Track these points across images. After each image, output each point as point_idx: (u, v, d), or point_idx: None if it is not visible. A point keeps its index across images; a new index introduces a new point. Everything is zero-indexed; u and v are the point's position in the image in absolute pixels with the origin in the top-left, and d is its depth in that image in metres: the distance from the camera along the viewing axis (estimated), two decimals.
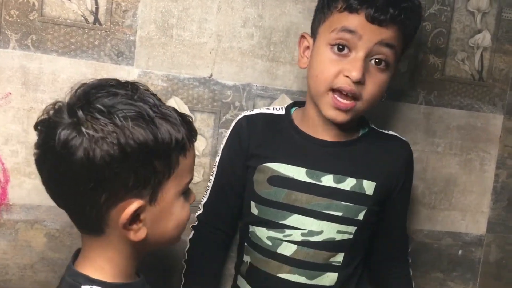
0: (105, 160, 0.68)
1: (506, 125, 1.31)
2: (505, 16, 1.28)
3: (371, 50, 0.94)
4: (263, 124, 1.06)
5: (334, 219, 1.00)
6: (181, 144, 0.74)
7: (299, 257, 1.01)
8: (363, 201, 1.01)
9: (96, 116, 0.69)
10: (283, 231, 1.01)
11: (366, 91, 0.95)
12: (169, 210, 0.77)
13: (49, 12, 1.05)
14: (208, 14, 1.12)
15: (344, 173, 1.01)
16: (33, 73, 1.05)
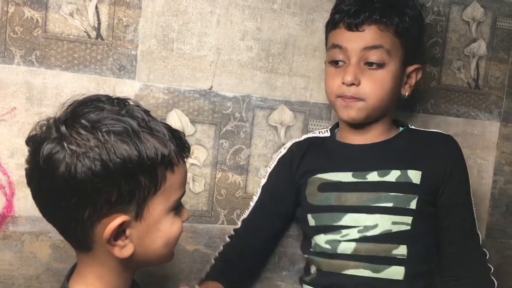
0: (87, 175, 0.67)
1: (502, 132, 1.33)
2: (500, 25, 1.30)
3: (359, 57, 1.04)
4: (311, 146, 1.15)
5: (386, 210, 1.04)
6: (167, 160, 0.73)
7: (361, 252, 1.04)
8: (412, 190, 1.05)
9: (79, 131, 0.69)
10: (339, 232, 1.06)
11: (365, 90, 1.04)
12: (156, 227, 0.75)
13: (52, 28, 1.07)
14: (208, 28, 1.15)
15: (387, 167, 1.06)
16: (37, 88, 1.07)
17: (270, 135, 1.20)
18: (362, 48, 1.03)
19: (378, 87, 1.04)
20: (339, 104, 1.07)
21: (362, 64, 1.04)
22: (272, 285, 1.24)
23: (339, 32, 1.06)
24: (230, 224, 1.20)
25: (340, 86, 1.05)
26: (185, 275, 1.19)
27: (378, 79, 1.04)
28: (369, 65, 1.04)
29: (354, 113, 1.06)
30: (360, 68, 1.04)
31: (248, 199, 1.20)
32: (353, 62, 1.04)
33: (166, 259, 0.82)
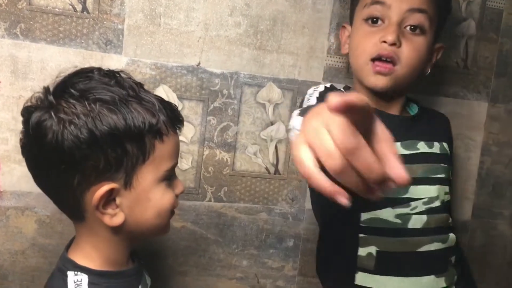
0: (74, 142, 0.69)
1: (490, 113, 1.34)
2: (489, 4, 1.30)
3: (402, 17, 0.98)
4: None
5: (441, 181, 1.04)
6: (155, 129, 0.74)
7: (431, 225, 1.02)
8: (449, 162, 1.09)
9: (67, 99, 0.71)
10: (409, 205, 1.00)
11: (404, 54, 0.98)
12: (146, 196, 0.76)
13: (37, 1, 1.06)
14: (195, 3, 1.13)
15: (430, 139, 1.06)
16: (22, 61, 1.06)
17: (258, 112, 1.20)
18: (408, 8, 0.98)
19: (416, 54, 0.99)
20: (369, 69, 0.99)
21: (403, 27, 0.99)
22: (259, 263, 1.24)
23: None
24: (217, 201, 1.20)
25: (377, 45, 0.98)
26: (172, 251, 1.19)
27: (417, 45, 0.99)
28: (410, 29, 0.99)
29: (384, 82, 0.98)
30: (401, 30, 0.98)
31: (236, 176, 1.20)
32: (395, 22, 0.98)
33: (160, 230, 0.82)
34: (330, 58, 1.22)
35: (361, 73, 1.02)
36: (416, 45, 0.99)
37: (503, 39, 1.32)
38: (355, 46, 1.04)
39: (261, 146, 1.21)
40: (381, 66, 0.98)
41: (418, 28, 0.99)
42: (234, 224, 1.22)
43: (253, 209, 1.22)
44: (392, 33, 0.97)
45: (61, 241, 1.09)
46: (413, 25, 0.99)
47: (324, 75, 1.22)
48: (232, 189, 1.20)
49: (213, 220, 1.20)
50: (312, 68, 1.22)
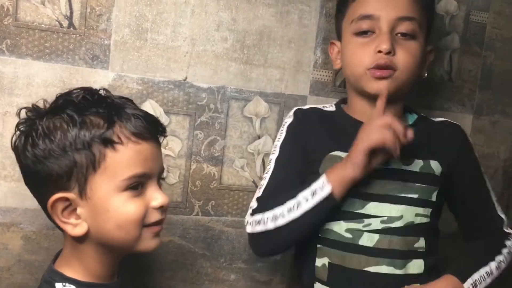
0: (31, 158, 0.76)
1: (475, 125, 1.35)
2: (473, 18, 1.32)
3: (392, 26, 1.00)
4: (318, 117, 1.09)
5: (411, 202, 1.00)
6: (103, 138, 0.75)
7: (384, 246, 0.99)
8: (434, 182, 1.02)
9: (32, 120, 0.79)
10: (362, 221, 0.99)
11: (399, 59, 1.00)
12: (104, 207, 0.76)
13: (23, 16, 1.06)
14: (182, 18, 1.14)
15: (410, 155, 1.01)
16: (8, 77, 1.06)
17: (245, 126, 1.20)
18: (396, 17, 1.00)
19: (411, 58, 1.01)
20: (369, 77, 1.00)
21: (394, 34, 1.00)
22: (247, 276, 1.24)
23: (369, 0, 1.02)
24: (204, 215, 1.20)
25: (373, 56, 0.99)
26: (159, 266, 1.19)
27: (411, 50, 1.01)
28: (402, 36, 1.01)
29: (386, 83, 0.99)
30: (393, 37, 1.00)
31: (223, 190, 1.20)
32: (386, 31, 0.99)
33: (129, 243, 0.80)
34: (316, 72, 1.23)
35: (361, 81, 1.03)
36: (410, 50, 1.01)
37: (487, 53, 1.34)
38: (350, 59, 1.04)
39: (248, 159, 1.21)
40: (381, 72, 1.00)
41: (408, 34, 1.01)
42: (221, 238, 1.22)
43: (241, 222, 1.22)
44: (386, 41, 0.98)
45: (47, 257, 1.08)
46: (403, 32, 1.01)
47: (310, 89, 1.23)
48: (219, 203, 1.21)
49: (200, 234, 1.20)
50: (298, 82, 1.23)
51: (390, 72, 1.00)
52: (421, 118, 1.11)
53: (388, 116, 0.94)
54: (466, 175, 1.08)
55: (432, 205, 1.02)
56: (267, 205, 1.01)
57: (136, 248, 0.80)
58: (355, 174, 0.94)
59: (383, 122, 0.92)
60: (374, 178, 0.99)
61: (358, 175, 0.94)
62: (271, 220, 0.98)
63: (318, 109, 1.11)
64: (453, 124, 1.12)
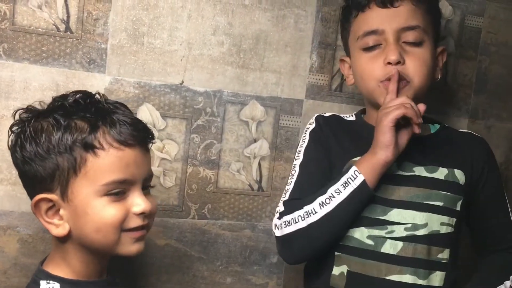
0: (19, 159, 0.79)
1: (470, 128, 1.35)
2: (468, 23, 1.33)
3: (398, 36, 1.00)
4: (339, 124, 1.10)
5: (436, 209, 0.98)
6: (84, 143, 0.76)
7: (407, 254, 0.96)
8: (459, 191, 1.01)
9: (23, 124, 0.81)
10: (385, 228, 0.97)
11: (410, 69, 0.99)
12: (84, 210, 0.78)
13: (20, 21, 1.06)
14: (179, 23, 1.15)
15: (434, 164, 1.01)
16: (5, 81, 1.06)
17: (241, 130, 1.21)
18: (399, 28, 1.00)
19: (422, 65, 1.00)
20: (382, 90, 1.00)
21: (401, 42, 1.00)
22: (243, 280, 1.25)
23: (371, 13, 1.02)
24: (201, 218, 1.20)
25: (383, 68, 0.99)
26: (155, 269, 1.19)
27: (420, 56, 1.01)
28: (409, 44, 1.01)
29: (403, 95, 0.98)
30: (400, 46, 1.00)
31: (220, 193, 1.21)
32: (392, 41, 0.99)
33: (108, 247, 0.81)
34: (312, 76, 1.24)
35: (374, 95, 1.03)
36: (419, 56, 1.01)
37: (482, 57, 1.35)
38: (361, 74, 1.04)
39: (245, 163, 1.22)
40: (394, 85, 0.99)
41: (415, 42, 1.01)
42: (218, 241, 1.22)
43: (237, 226, 1.23)
44: (394, 52, 0.98)
45: None
46: (410, 41, 1.01)
47: (306, 93, 1.24)
48: (215, 206, 1.21)
49: (197, 238, 1.20)
50: (294, 86, 1.23)
51: (403, 83, 0.99)
52: (444, 128, 1.11)
53: (403, 97, 0.95)
54: (488, 189, 1.07)
55: (457, 215, 1.01)
56: (296, 205, 0.98)
57: (116, 252, 0.82)
58: (387, 156, 0.93)
59: (399, 101, 0.94)
60: (398, 184, 0.98)
61: (390, 157, 0.93)
62: (302, 219, 0.96)
63: (339, 117, 1.12)
64: (478, 137, 1.12)
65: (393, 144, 0.93)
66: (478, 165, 1.06)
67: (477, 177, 1.05)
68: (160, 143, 1.16)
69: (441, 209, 0.99)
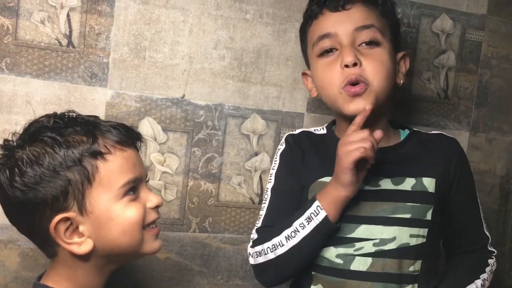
0: (21, 188, 0.75)
1: (471, 142, 1.36)
2: (468, 37, 1.33)
3: (353, 38, 0.99)
4: (309, 141, 1.09)
5: (404, 222, 0.97)
6: (92, 151, 0.77)
7: (377, 269, 0.96)
8: (428, 200, 1.00)
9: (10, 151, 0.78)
10: (353, 245, 0.97)
11: (368, 70, 0.97)
12: (107, 216, 0.78)
13: (23, 35, 1.07)
14: (180, 37, 1.15)
15: (401, 174, 1.00)
16: (7, 95, 1.07)
17: (242, 143, 1.21)
18: (353, 29, 0.99)
19: (380, 66, 0.98)
20: (344, 96, 0.98)
21: (357, 45, 0.99)
22: None
23: (323, 18, 1.02)
24: (202, 232, 1.20)
25: (341, 73, 0.98)
26: (156, 283, 1.19)
27: (378, 57, 0.99)
28: (365, 45, 0.99)
29: (363, 101, 0.96)
30: (356, 49, 0.98)
31: (220, 207, 1.21)
32: (347, 44, 0.98)
33: (133, 249, 0.82)
34: None
35: (338, 103, 1.00)
36: (376, 57, 0.99)
37: (483, 70, 1.35)
38: (321, 83, 1.03)
39: (246, 176, 1.22)
40: (355, 88, 0.97)
41: (371, 42, 0.99)
42: (218, 254, 1.22)
43: (238, 239, 1.23)
44: (349, 54, 0.97)
45: None
46: (366, 41, 0.99)
47: (307, 106, 1.24)
48: (216, 220, 1.21)
49: (197, 251, 1.20)
50: (296, 100, 1.24)
51: (363, 86, 0.97)
52: (414, 134, 1.09)
53: (364, 131, 0.92)
54: (461, 191, 1.06)
55: (428, 225, 1.00)
56: (266, 236, 1.00)
57: (142, 251, 0.83)
58: (348, 193, 0.94)
59: (360, 137, 0.91)
60: (364, 200, 0.98)
61: (351, 193, 0.94)
62: (271, 250, 0.98)
63: (309, 133, 1.11)
64: (450, 138, 1.10)
65: (353, 183, 0.92)
66: (451, 167, 1.04)
67: (450, 178, 1.04)
68: (161, 157, 1.16)
69: (409, 221, 0.98)
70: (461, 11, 1.32)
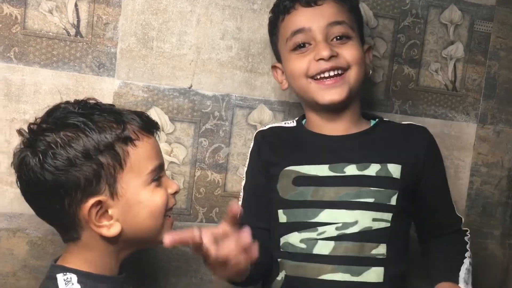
0: (52, 171, 0.75)
1: (479, 134, 1.35)
2: (477, 28, 1.32)
3: (326, 33, 1.02)
4: (277, 135, 1.11)
5: (367, 206, 0.99)
6: (123, 136, 0.78)
7: (339, 253, 0.98)
8: (392, 185, 1.01)
9: (41, 134, 0.78)
10: (316, 230, 0.99)
11: (345, 56, 1.01)
12: (136, 200, 0.80)
13: (31, 25, 1.07)
14: (188, 27, 1.15)
15: (366, 160, 1.01)
16: (16, 84, 1.07)
17: (249, 134, 1.21)
18: (326, 24, 1.01)
19: (357, 52, 1.03)
20: (317, 87, 1.01)
21: (329, 40, 1.02)
22: None
23: (296, 14, 1.04)
24: (208, 222, 1.20)
25: (315, 64, 1.00)
26: (163, 273, 1.19)
27: (352, 46, 1.03)
28: (337, 39, 1.02)
29: (341, 92, 1.00)
30: (329, 43, 1.02)
31: (227, 197, 1.21)
32: (322, 39, 1.01)
33: (155, 232, 0.85)
34: None
35: (308, 93, 1.03)
36: (351, 46, 1.03)
37: (491, 62, 1.34)
38: (292, 73, 1.05)
39: None
40: (331, 81, 1.01)
41: (343, 37, 1.03)
42: None
43: None
44: (325, 48, 1.00)
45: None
46: (338, 36, 1.02)
47: None
48: (223, 210, 1.21)
49: None
50: None
51: (338, 79, 1.00)
52: (383, 122, 1.11)
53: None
54: (431, 177, 1.07)
55: (393, 210, 1.00)
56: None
57: (159, 238, 0.84)
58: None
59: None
60: (329, 185, 1.00)
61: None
62: None
63: (278, 127, 1.13)
64: (419, 127, 1.11)
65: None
66: (418, 154, 1.05)
67: (418, 166, 1.04)
68: (169, 147, 1.16)
69: (372, 205, 0.99)
70: (470, 2, 1.31)
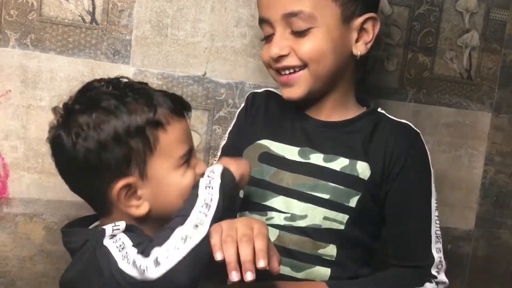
0: (84, 152, 0.76)
1: (494, 123, 1.34)
2: (493, 16, 1.31)
3: (284, 25, 0.91)
4: (267, 101, 1.06)
5: (320, 202, 0.91)
6: (154, 121, 0.78)
7: (283, 244, 0.91)
8: (356, 185, 0.91)
9: (73, 115, 0.78)
10: (265, 214, 0.94)
11: (301, 53, 0.91)
12: (166, 182, 0.80)
13: (47, 12, 1.08)
14: (202, 14, 1.16)
15: (335, 153, 0.93)
16: (32, 71, 1.08)
17: None
18: (282, 15, 0.90)
19: (317, 47, 0.90)
20: (278, 80, 0.96)
21: (289, 33, 0.92)
22: None
23: (261, 3, 0.96)
24: None
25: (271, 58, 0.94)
26: None
27: (315, 39, 0.90)
28: (295, 33, 0.91)
29: (297, 91, 0.93)
30: (287, 37, 0.92)
31: None
32: (277, 33, 0.92)
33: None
34: None
35: (276, 79, 0.98)
36: (312, 39, 0.91)
37: (507, 50, 1.33)
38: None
39: None
40: (285, 78, 0.95)
41: (300, 32, 0.91)
42: None
43: None
44: (274, 46, 0.92)
45: None
46: (295, 30, 0.91)
47: None
48: None
49: None
50: None
51: (293, 77, 0.93)
52: (372, 114, 0.99)
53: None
54: (400, 191, 0.94)
55: (350, 211, 0.91)
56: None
57: None
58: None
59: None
60: (289, 171, 0.94)
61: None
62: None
63: (273, 93, 1.07)
64: (411, 131, 0.97)
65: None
66: (399, 161, 0.93)
67: (393, 173, 0.93)
68: None
69: (326, 202, 0.91)
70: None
